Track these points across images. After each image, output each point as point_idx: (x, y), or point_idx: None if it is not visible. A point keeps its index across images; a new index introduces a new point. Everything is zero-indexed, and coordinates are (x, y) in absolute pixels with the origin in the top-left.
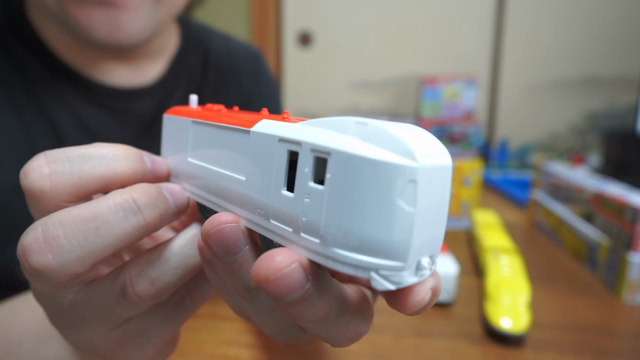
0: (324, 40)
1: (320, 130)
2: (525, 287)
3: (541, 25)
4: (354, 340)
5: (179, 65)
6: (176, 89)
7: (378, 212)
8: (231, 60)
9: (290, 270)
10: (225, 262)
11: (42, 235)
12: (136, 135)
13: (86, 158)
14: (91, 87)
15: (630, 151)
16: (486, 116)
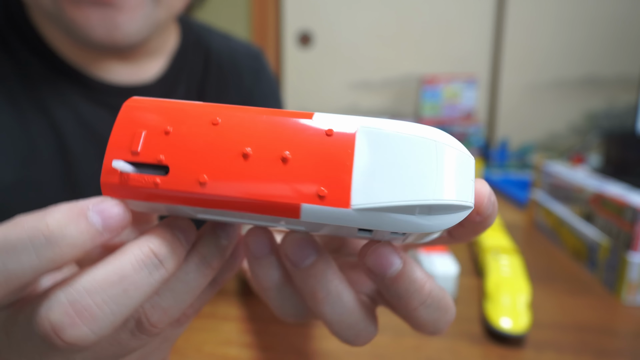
0: (324, 40)
1: (388, 217)
2: (525, 287)
3: (541, 25)
4: (448, 326)
5: (179, 63)
6: (177, 86)
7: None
8: (232, 59)
9: (386, 247)
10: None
11: (72, 307)
12: None
13: (7, 251)
14: (91, 85)
15: (630, 151)
16: (486, 116)
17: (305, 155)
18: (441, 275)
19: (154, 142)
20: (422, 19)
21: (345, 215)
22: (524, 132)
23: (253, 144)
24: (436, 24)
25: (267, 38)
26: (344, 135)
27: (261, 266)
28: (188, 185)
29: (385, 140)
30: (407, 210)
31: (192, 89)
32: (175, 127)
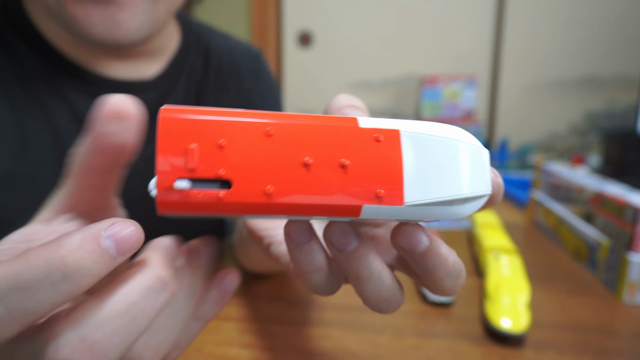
0: (324, 40)
1: (433, 209)
2: (525, 287)
3: (541, 25)
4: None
5: (179, 63)
6: (176, 85)
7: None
8: (232, 59)
9: (415, 228)
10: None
11: (81, 344)
12: None
13: (23, 289)
14: (89, 79)
15: (630, 151)
16: (486, 116)
17: (360, 161)
18: None
19: (210, 157)
20: (422, 19)
21: (400, 211)
22: (524, 132)
23: (311, 154)
24: (436, 24)
25: (267, 38)
26: (391, 140)
27: (302, 252)
28: (254, 196)
29: (425, 143)
30: (449, 203)
31: (192, 88)
32: (228, 140)
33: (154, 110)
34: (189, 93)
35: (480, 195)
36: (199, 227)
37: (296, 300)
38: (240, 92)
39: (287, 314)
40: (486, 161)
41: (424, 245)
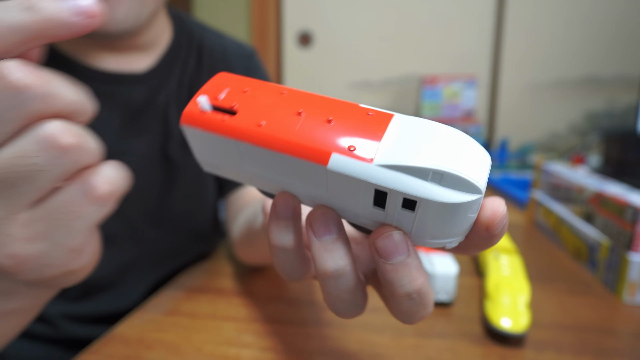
0: (324, 41)
1: (404, 177)
2: (525, 287)
3: (541, 25)
4: (420, 321)
5: (170, 57)
6: (167, 80)
7: (456, 224)
8: (225, 57)
9: (399, 235)
10: (322, 240)
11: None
12: (122, 122)
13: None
14: (80, 71)
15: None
16: (486, 116)
17: (346, 122)
18: (441, 275)
19: (233, 96)
20: (422, 19)
21: (368, 171)
22: (524, 132)
23: (307, 109)
24: (436, 24)
25: (267, 38)
26: (383, 115)
27: (279, 227)
28: (248, 125)
29: (416, 124)
30: (421, 173)
31: (184, 84)
32: (251, 89)
33: (143, 104)
34: (181, 88)
35: (464, 179)
36: (192, 226)
37: (296, 300)
38: None
39: (287, 314)
40: (484, 162)
41: (401, 258)
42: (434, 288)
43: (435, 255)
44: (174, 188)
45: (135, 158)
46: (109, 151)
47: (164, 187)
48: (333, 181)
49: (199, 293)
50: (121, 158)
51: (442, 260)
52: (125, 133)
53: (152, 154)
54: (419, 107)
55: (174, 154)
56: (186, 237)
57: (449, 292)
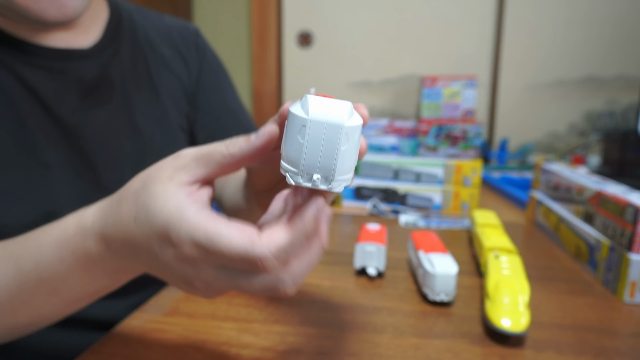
0: (324, 40)
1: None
2: (526, 287)
3: (541, 25)
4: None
5: (112, 31)
6: (117, 55)
7: (292, 141)
8: (170, 35)
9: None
10: None
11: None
12: (79, 97)
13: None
14: (29, 49)
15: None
16: (486, 116)
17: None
18: (441, 275)
19: None
20: (422, 19)
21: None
22: (524, 132)
23: None
24: (436, 24)
25: (267, 38)
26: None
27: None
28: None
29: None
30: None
31: (138, 64)
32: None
33: (97, 79)
34: (136, 64)
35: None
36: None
37: (296, 300)
38: (188, 68)
39: (287, 314)
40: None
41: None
42: (434, 288)
43: (435, 255)
44: (147, 156)
45: (99, 128)
46: (70, 124)
47: (135, 155)
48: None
49: None
50: (84, 130)
51: (442, 260)
52: (84, 106)
53: (118, 123)
54: (419, 107)
55: (141, 124)
56: None
57: (449, 292)
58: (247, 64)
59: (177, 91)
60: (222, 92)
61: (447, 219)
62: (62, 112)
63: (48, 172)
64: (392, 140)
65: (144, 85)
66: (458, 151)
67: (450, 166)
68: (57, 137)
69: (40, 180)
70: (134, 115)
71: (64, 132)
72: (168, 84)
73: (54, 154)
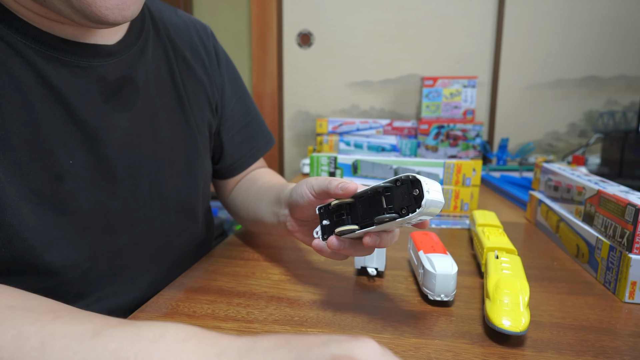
0: (324, 40)
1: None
2: (526, 287)
3: (541, 25)
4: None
5: (138, 28)
6: (142, 54)
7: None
8: (189, 34)
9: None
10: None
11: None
12: (103, 98)
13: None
14: (53, 43)
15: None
16: (486, 116)
17: None
18: (441, 275)
19: None
20: (422, 19)
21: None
22: (524, 132)
23: None
24: (436, 24)
25: (267, 38)
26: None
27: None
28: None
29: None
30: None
31: (162, 62)
32: None
33: (120, 80)
34: (159, 66)
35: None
36: (183, 205)
37: (296, 300)
38: (211, 75)
39: (287, 314)
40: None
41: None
42: (434, 288)
43: (435, 256)
44: (165, 166)
45: (121, 134)
46: (92, 127)
47: (154, 164)
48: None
49: (199, 293)
50: (105, 134)
51: (442, 260)
52: (108, 109)
53: (139, 129)
54: (419, 107)
55: (162, 131)
56: (178, 216)
57: (449, 292)
58: (247, 64)
59: (201, 99)
60: (243, 99)
61: (447, 219)
62: (85, 114)
63: (58, 184)
64: (392, 140)
65: (167, 90)
66: (458, 151)
67: (450, 166)
68: (76, 142)
69: (48, 192)
70: (155, 121)
71: (84, 136)
72: (192, 91)
73: (70, 161)
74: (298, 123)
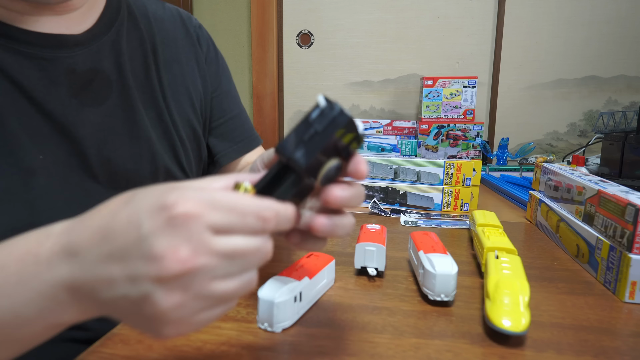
0: (324, 40)
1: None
2: (526, 287)
3: (541, 26)
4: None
5: (108, 18)
6: (114, 47)
7: None
8: (175, 28)
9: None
10: None
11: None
12: (71, 92)
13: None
14: (12, 34)
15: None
16: (486, 116)
17: None
18: (441, 275)
19: None
20: (422, 19)
21: None
22: (524, 132)
23: None
24: (436, 24)
25: (267, 38)
26: None
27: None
28: None
29: None
30: None
31: (139, 57)
32: None
33: (90, 72)
34: (134, 59)
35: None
36: None
37: None
38: (202, 72)
39: None
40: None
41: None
42: (434, 288)
43: (435, 256)
44: (143, 161)
45: (92, 129)
46: (60, 122)
47: (132, 159)
48: None
49: None
50: (76, 129)
51: (442, 260)
52: (76, 103)
53: (114, 124)
54: (419, 107)
55: (140, 126)
56: None
57: (449, 292)
58: (247, 64)
59: (179, 93)
60: (231, 95)
61: (447, 219)
62: (51, 108)
63: (31, 179)
64: (392, 140)
65: (144, 84)
66: (458, 151)
67: (450, 166)
68: (46, 136)
69: (21, 189)
70: (132, 115)
71: (52, 130)
72: (168, 85)
73: (40, 157)
74: None
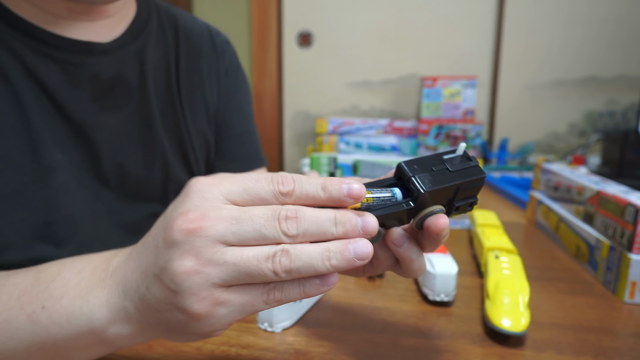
0: (324, 40)
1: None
2: (526, 287)
3: (541, 25)
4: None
5: (137, 28)
6: (139, 56)
7: None
8: (203, 40)
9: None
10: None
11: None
12: (93, 96)
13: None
14: (44, 37)
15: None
16: (486, 116)
17: None
18: (441, 275)
19: None
20: (423, 19)
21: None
22: (524, 132)
23: None
24: (436, 24)
25: (267, 38)
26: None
27: (382, 249)
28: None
29: None
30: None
31: (163, 62)
32: None
33: (113, 79)
34: (157, 69)
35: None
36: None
37: None
38: (221, 85)
39: None
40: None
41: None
42: (434, 288)
43: (435, 256)
44: (155, 168)
45: (109, 134)
46: (80, 124)
47: (144, 166)
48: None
49: None
50: (94, 133)
51: (442, 260)
52: (96, 107)
53: (131, 131)
54: (419, 107)
55: (155, 133)
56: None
57: (449, 292)
58: (247, 64)
59: (197, 106)
60: (244, 112)
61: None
62: (74, 111)
63: (50, 176)
64: (392, 140)
65: (164, 93)
66: None
67: None
68: (66, 138)
69: (40, 185)
70: (149, 123)
71: (72, 132)
72: (186, 96)
73: (59, 156)
74: (298, 123)
